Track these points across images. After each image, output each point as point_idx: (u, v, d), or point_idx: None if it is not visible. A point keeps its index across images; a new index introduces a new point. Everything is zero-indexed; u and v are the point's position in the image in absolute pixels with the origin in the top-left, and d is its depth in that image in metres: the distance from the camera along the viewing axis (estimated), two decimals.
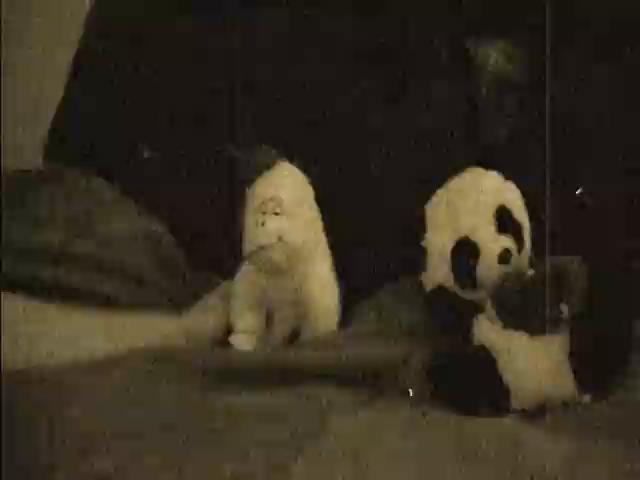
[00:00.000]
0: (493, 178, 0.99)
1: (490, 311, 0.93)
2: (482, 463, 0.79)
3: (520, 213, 0.98)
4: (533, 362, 0.91)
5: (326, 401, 0.90)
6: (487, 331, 0.93)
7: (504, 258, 0.94)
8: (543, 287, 0.90)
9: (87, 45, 1.24)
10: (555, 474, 0.78)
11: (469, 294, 0.96)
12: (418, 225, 0.99)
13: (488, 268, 0.94)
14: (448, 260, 0.96)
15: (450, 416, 0.87)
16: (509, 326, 0.92)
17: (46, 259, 1.01)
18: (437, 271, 0.97)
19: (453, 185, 0.99)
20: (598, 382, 0.92)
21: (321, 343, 0.98)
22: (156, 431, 0.83)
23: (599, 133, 1.15)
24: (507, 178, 1.00)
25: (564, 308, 0.90)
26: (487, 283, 0.94)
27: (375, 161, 1.02)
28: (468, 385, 0.91)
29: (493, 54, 1.15)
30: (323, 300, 1.00)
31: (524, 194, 1.00)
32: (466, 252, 0.95)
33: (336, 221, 1.03)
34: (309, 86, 1.15)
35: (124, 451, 0.80)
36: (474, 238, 0.95)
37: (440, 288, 0.97)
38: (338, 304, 1.01)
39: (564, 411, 0.91)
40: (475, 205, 0.96)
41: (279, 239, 0.94)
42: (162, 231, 1.11)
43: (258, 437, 0.82)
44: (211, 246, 1.14)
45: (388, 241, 1.02)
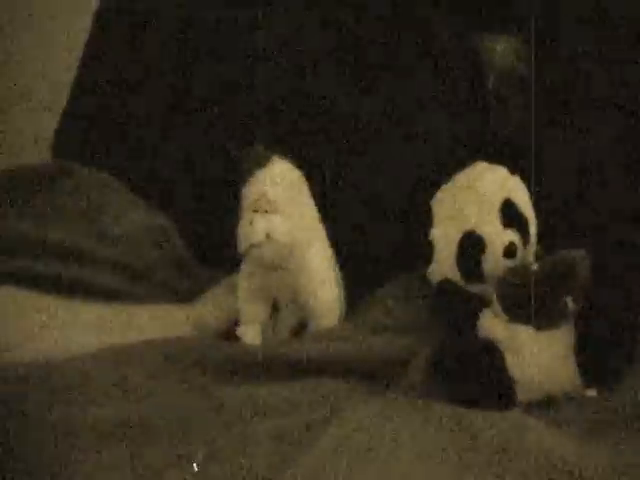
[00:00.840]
0: (499, 172, 0.99)
1: (496, 305, 0.93)
2: (486, 455, 0.80)
3: (526, 207, 0.98)
4: (538, 356, 0.91)
5: (334, 394, 0.90)
6: (493, 325, 0.93)
7: (510, 252, 0.94)
8: (548, 281, 0.90)
9: (95, 41, 1.24)
10: (560, 467, 0.78)
11: (475, 288, 0.96)
12: (424, 219, 0.99)
13: (494, 262, 0.95)
14: (454, 254, 0.97)
15: (455, 409, 0.88)
16: (514, 320, 0.92)
17: (53, 254, 1.02)
18: (443, 265, 0.97)
19: (459, 179, 0.99)
20: (603, 376, 0.92)
21: (327, 335, 0.98)
22: (162, 424, 0.83)
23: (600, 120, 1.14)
24: (513, 172, 1.00)
25: (569, 301, 0.90)
26: (493, 277, 0.95)
27: (380, 156, 1.02)
28: (473, 379, 0.91)
29: (499, 48, 1.16)
30: (321, 295, 1.00)
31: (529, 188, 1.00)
32: (472, 246, 0.95)
33: (339, 216, 1.03)
34: (309, 79, 1.15)
35: (130, 444, 0.80)
36: (480, 232, 0.95)
37: (446, 282, 0.98)
38: (340, 299, 1.01)
39: (569, 405, 0.92)
40: (481, 199, 0.97)
41: (267, 237, 0.95)
42: (169, 226, 1.12)
43: (265, 429, 0.83)
44: (216, 243, 1.14)
45: (393, 236, 1.02)
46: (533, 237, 0.98)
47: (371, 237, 1.07)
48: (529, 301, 0.91)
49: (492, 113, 1.16)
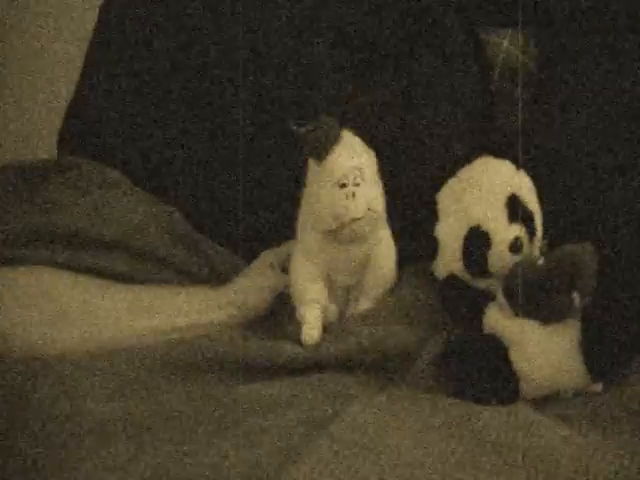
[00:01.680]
0: (504, 167, 0.99)
1: (501, 300, 0.93)
2: (492, 451, 0.79)
3: (531, 202, 0.98)
4: (544, 350, 0.91)
5: (339, 389, 0.90)
6: (498, 319, 0.93)
7: (515, 247, 0.94)
8: (554, 275, 0.90)
9: (101, 37, 1.24)
10: (565, 462, 0.78)
11: (480, 283, 0.96)
12: (429, 214, 0.99)
13: (499, 257, 0.95)
14: (459, 249, 0.97)
15: (461, 405, 0.88)
16: (520, 314, 0.92)
17: (63, 242, 1.02)
18: (448, 260, 0.97)
19: (464, 174, 0.99)
20: (609, 371, 0.92)
21: (336, 328, 0.98)
22: (166, 421, 0.83)
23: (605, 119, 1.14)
24: (518, 167, 1.00)
25: (575, 296, 0.90)
26: (498, 272, 0.94)
27: (385, 150, 1.02)
28: (479, 373, 0.91)
29: (504, 44, 1.15)
30: (388, 262, 1.00)
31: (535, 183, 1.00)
32: (477, 241, 0.95)
33: None
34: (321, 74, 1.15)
35: (136, 441, 0.81)
36: (485, 227, 0.95)
37: (452, 277, 0.97)
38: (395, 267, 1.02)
39: (575, 400, 0.92)
40: (486, 194, 0.97)
41: (369, 209, 0.94)
42: (175, 212, 1.12)
43: (271, 425, 0.83)
44: (224, 228, 1.15)
45: (399, 230, 1.02)
46: (539, 232, 0.98)
47: None
48: (535, 296, 0.91)
49: (497, 108, 1.16)
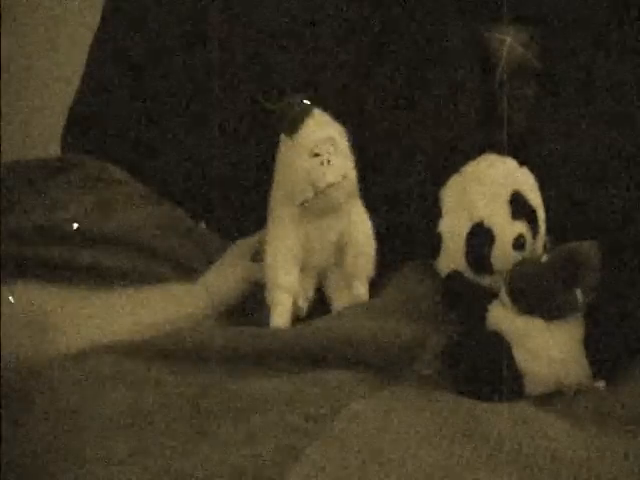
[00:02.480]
0: (508, 164, 0.99)
1: (504, 296, 0.93)
2: (495, 448, 0.79)
3: (535, 199, 0.98)
4: (547, 348, 0.91)
5: (340, 386, 0.90)
6: (501, 316, 0.93)
7: (519, 244, 0.94)
8: (558, 272, 0.90)
9: (104, 34, 1.24)
10: (568, 460, 0.78)
11: (483, 279, 0.96)
12: (433, 210, 0.99)
13: (503, 254, 0.95)
14: (463, 246, 0.96)
15: (463, 401, 0.87)
16: (523, 311, 0.92)
17: (66, 239, 1.02)
18: (451, 256, 0.97)
19: (468, 171, 0.99)
20: (613, 368, 0.92)
21: (335, 320, 0.97)
22: (169, 416, 0.83)
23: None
24: (521, 164, 1.00)
25: (579, 293, 0.90)
26: (502, 269, 0.94)
27: (389, 147, 1.02)
28: (482, 370, 0.91)
29: (508, 40, 1.15)
30: (366, 238, 1.00)
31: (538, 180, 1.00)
32: (481, 237, 0.95)
33: None
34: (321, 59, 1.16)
35: (138, 436, 0.81)
36: (489, 224, 0.95)
37: (455, 273, 0.97)
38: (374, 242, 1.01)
39: (578, 397, 0.91)
40: (490, 191, 0.97)
41: (344, 177, 0.94)
42: (177, 208, 1.13)
43: (272, 421, 0.83)
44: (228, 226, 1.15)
45: (402, 226, 1.02)
46: (542, 228, 0.98)
47: (379, 226, 1.07)
48: (538, 293, 0.91)
49: (501, 104, 1.16)
